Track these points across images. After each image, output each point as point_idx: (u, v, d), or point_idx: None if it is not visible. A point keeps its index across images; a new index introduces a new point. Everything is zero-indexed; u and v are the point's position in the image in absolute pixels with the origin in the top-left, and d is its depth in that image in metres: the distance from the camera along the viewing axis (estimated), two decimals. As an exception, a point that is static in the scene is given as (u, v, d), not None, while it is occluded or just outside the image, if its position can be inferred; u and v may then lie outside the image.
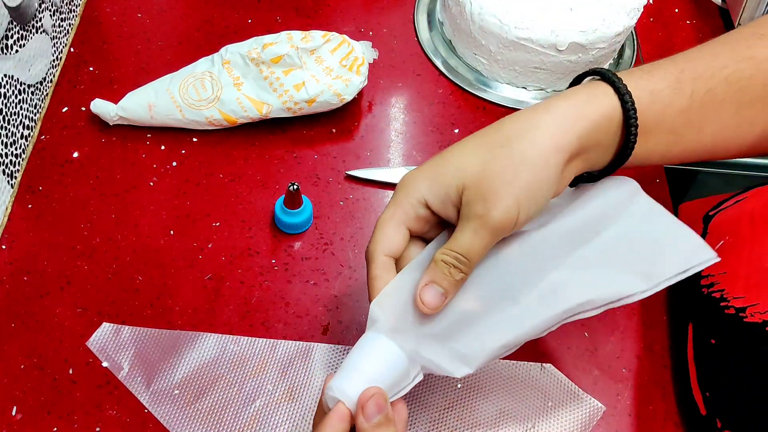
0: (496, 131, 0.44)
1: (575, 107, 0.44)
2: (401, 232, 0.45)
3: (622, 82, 0.45)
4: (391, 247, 0.45)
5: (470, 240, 0.42)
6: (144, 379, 0.52)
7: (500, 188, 0.42)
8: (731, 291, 0.49)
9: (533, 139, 0.43)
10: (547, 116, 0.43)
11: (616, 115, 0.44)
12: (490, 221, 0.42)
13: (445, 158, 0.45)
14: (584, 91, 0.45)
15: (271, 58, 0.63)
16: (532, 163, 0.42)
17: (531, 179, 0.42)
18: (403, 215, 0.45)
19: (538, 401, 0.53)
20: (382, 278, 0.44)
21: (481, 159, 0.43)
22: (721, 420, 0.48)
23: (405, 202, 0.45)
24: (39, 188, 0.62)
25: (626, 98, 0.44)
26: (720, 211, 0.55)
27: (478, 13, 0.68)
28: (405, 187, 0.45)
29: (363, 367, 0.42)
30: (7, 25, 0.58)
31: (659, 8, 0.82)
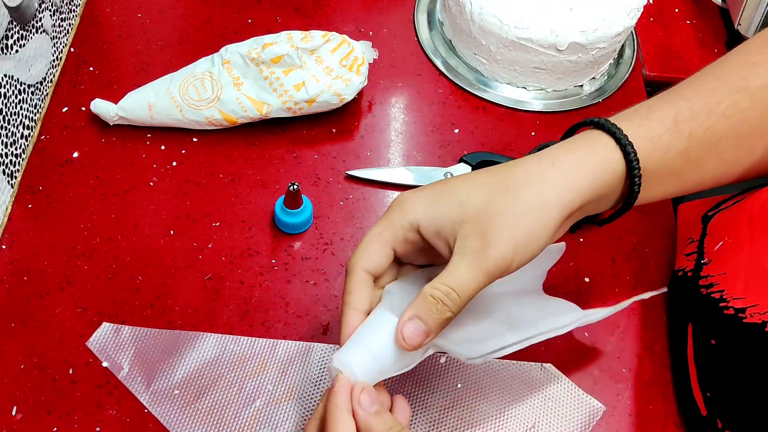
0: (505, 174, 0.44)
1: (578, 164, 0.44)
2: (386, 251, 0.44)
3: (623, 133, 0.45)
4: (372, 264, 0.44)
5: (464, 275, 0.41)
6: (144, 379, 0.52)
7: (501, 230, 0.41)
8: (731, 291, 0.49)
9: (540, 191, 0.43)
10: (553, 171, 0.44)
11: (619, 168, 0.45)
12: (486, 260, 0.41)
13: (448, 188, 0.44)
14: (587, 144, 0.45)
15: (271, 58, 0.63)
16: (535, 213, 0.42)
17: (531, 229, 0.42)
18: (392, 236, 0.44)
19: (538, 401, 0.53)
20: (357, 294, 0.44)
21: (485, 197, 0.43)
22: (721, 420, 0.48)
23: (397, 223, 0.44)
24: (39, 188, 0.62)
25: (628, 150, 0.44)
26: (719, 211, 0.56)
27: (478, 13, 0.68)
28: (400, 206, 0.45)
29: (368, 343, 0.42)
30: (7, 25, 0.58)
31: (659, 8, 0.82)
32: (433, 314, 0.41)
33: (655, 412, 0.54)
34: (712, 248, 0.53)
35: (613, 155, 0.44)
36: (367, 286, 0.44)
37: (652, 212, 0.64)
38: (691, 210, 0.61)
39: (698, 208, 0.59)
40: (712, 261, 0.52)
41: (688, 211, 0.61)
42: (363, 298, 0.44)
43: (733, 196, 0.57)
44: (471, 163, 0.65)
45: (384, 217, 0.45)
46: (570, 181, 0.43)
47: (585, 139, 0.46)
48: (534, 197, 0.42)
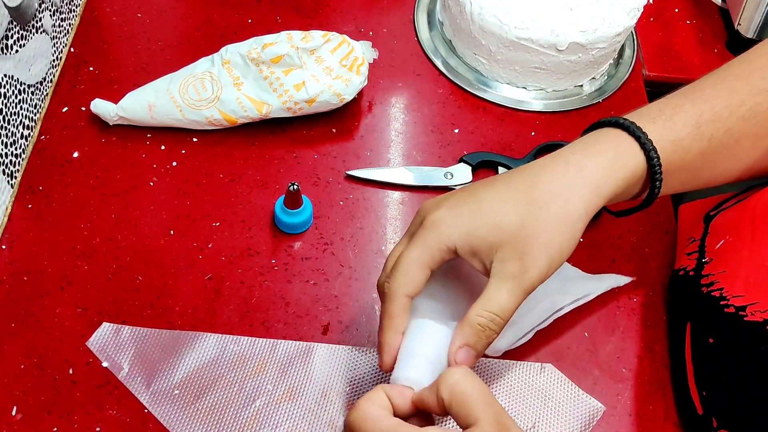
0: (532, 188, 0.45)
1: (604, 170, 0.45)
2: (425, 273, 0.45)
3: (648, 138, 0.46)
4: (413, 289, 0.45)
5: (506, 300, 0.43)
6: (144, 379, 0.52)
7: (537, 251, 0.43)
8: (731, 290, 0.49)
9: (567, 203, 0.44)
10: (579, 179, 0.45)
11: (640, 170, 0.46)
12: (525, 282, 0.43)
13: (481, 208, 0.45)
14: (611, 148, 0.46)
15: (271, 58, 0.63)
16: (565, 227, 0.44)
17: (563, 242, 0.44)
18: (430, 259, 0.45)
19: (538, 401, 0.53)
20: (399, 317, 0.45)
21: (519, 218, 0.44)
22: (717, 419, 0.48)
23: (434, 246, 0.45)
24: (39, 188, 0.62)
25: (652, 155, 0.46)
26: (721, 211, 0.56)
27: (478, 13, 0.68)
28: (436, 229, 0.45)
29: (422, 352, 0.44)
30: (7, 25, 0.58)
31: (659, 8, 0.82)
32: (482, 340, 0.43)
33: (655, 412, 0.54)
34: (714, 247, 0.53)
35: (637, 158, 0.46)
36: (407, 309, 0.45)
37: (652, 212, 0.64)
38: (693, 210, 0.61)
39: (699, 208, 0.59)
40: (713, 260, 0.52)
41: (689, 211, 0.61)
42: (405, 321, 0.45)
43: (735, 195, 0.57)
44: (471, 163, 0.65)
45: (420, 239, 0.45)
46: (596, 188, 0.45)
47: (609, 141, 0.47)
48: (564, 212, 0.44)
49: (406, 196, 0.64)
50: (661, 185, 0.46)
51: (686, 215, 0.62)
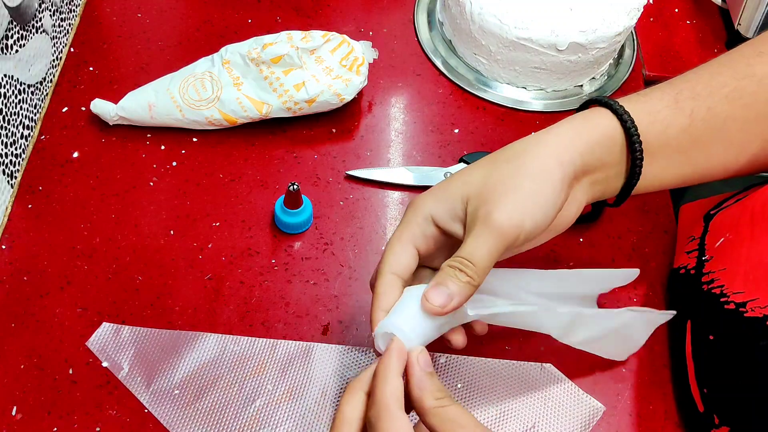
0: (501, 151, 0.46)
1: (574, 128, 0.46)
2: (408, 250, 0.45)
3: (619, 104, 0.46)
4: (398, 266, 0.45)
5: (474, 243, 0.42)
6: (144, 379, 0.52)
7: (502, 194, 0.43)
8: (731, 287, 0.49)
9: (535, 154, 0.44)
10: (548, 136, 0.45)
11: (617, 135, 0.46)
12: (492, 223, 0.42)
13: (453, 177, 0.46)
14: (582, 115, 0.47)
15: (271, 58, 0.63)
16: (533, 173, 0.43)
17: (533, 188, 0.43)
18: (410, 234, 0.45)
19: (538, 401, 0.53)
20: (386, 294, 0.45)
21: (485, 172, 0.45)
22: (718, 416, 0.48)
23: (412, 221, 0.45)
24: (39, 188, 0.62)
25: (624, 117, 0.46)
26: (721, 210, 0.56)
27: (478, 13, 0.68)
28: (413, 205, 0.46)
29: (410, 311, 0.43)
30: (7, 25, 0.58)
31: (659, 8, 0.82)
32: (453, 278, 0.42)
33: (655, 412, 0.54)
34: (713, 245, 0.53)
35: (610, 122, 0.46)
36: (395, 288, 0.45)
37: (652, 212, 0.64)
38: (693, 210, 0.61)
39: (700, 208, 0.59)
40: (713, 257, 0.52)
41: (689, 211, 0.61)
42: (392, 299, 0.45)
43: (734, 194, 0.57)
44: (471, 163, 0.65)
45: (401, 221, 0.46)
46: (566, 142, 0.45)
47: (583, 113, 0.47)
48: (530, 160, 0.44)
49: (406, 196, 0.64)
50: (641, 149, 0.46)
51: (686, 215, 0.62)
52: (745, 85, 0.47)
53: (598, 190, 0.48)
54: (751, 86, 0.47)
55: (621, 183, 0.48)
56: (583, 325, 0.49)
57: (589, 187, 0.47)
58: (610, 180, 0.47)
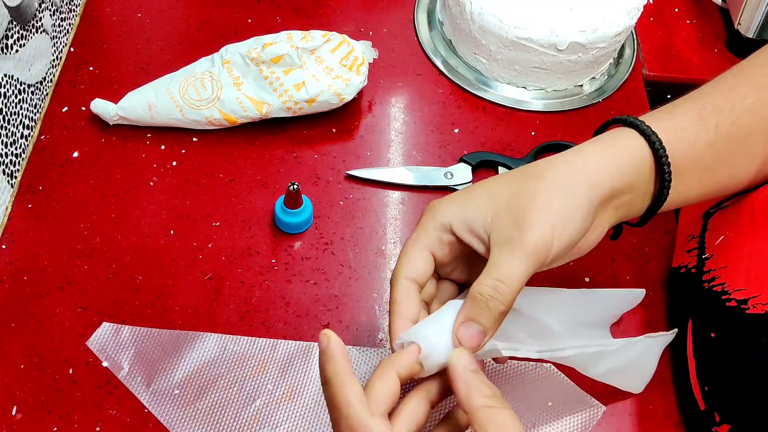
0: (527, 167, 0.45)
1: (603, 151, 0.44)
2: (424, 255, 0.44)
3: (645, 124, 0.45)
4: (414, 272, 0.44)
5: (507, 264, 0.40)
6: (144, 378, 0.52)
7: (534, 213, 0.41)
8: (732, 284, 0.49)
9: (564, 173, 0.43)
10: (576, 158, 0.44)
11: (645, 156, 0.45)
12: (526, 243, 0.40)
13: (476, 188, 0.45)
14: (609, 136, 0.46)
15: (271, 57, 0.63)
16: (564, 193, 0.42)
17: (563, 208, 0.41)
18: (426, 239, 0.44)
19: (538, 401, 0.53)
20: (404, 302, 0.43)
21: (513, 188, 0.43)
22: (719, 414, 0.48)
23: (429, 226, 0.44)
24: (39, 188, 0.62)
25: (652, 138, 0.44)
26: (720, 208, 0.56)
27: (478, 12, 0.68)
28: (431, 210, 0.45)
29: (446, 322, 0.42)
30: (7, 25, 0.58)
31: (659, 8, 0.82)
32: (486, 311, 0.40)
33: (655, 412, 0.54)
34: (713, 243, 0.53)
35: (637, 143, 0.45)
36: (413, 295, 0.44)
37: (652, 212, 0.64)
38: (693, 208, 0.61)
39: (699, 207, 0.59)
40: (714, 255, 0.52)
41: (689, 210, 0.61)
42: (411, 306, 0.43)
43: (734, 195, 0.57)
44: (471, 163, 0.65)
45: (417, 225, 0.45)
46: (595, 165, 0.43)
47: (609, 133, 0.46)
48: (559, 178, 0.42)
49: (406, 196, 0.64)
50: (669, 170, 0.44)
51: (686, 214, 0.62)
52: (764, 96, 0.47)
53: (622, 213, 0.46)
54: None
55: (646, 204, 0.47)
56: (605, 357, 0.48)
57: (613, 212, 0.45)
58: (634, 202, 0.46)
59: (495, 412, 0.37)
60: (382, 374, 0.40)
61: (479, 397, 0.38)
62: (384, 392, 0.39)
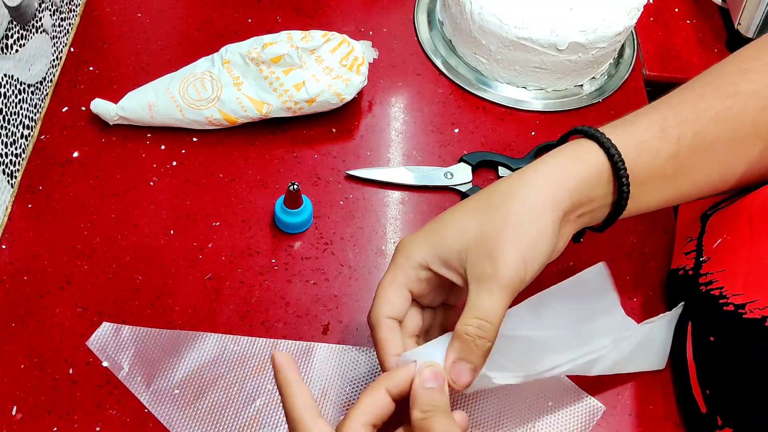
0: (489, 193, 0.46)
1: (562, 167, 0.45)
2: (403, 294, 0.45)
3: (605, 137, 0.45)
4: (394, 310, 0.45)
5: (487, 303, 0.42)
6: (144, 378, 0.52)
7: (504, 247, 0.42)
8: (730, 288, 0.49)
9: (526, 198, 0.44)
10: (536, 177, 0.45)
11: (604, 170, 0.45)
12: (501, 280, 0.42)
13: (443, 223, 0.45)
14: (569, 150, 0.46)
15: (271, 57, 0.63)
16: (528, 221, 0.43)
17: (530, 237, 0.43)
18: (404, 278, 0.45)
19: (538, 401, 0.53)
20: (390, 340, 0.45)
21: (479, 221, 0.44)
22: (721, 417, 0.48)
23: (405, 265, 0.45)
24: (39, 188, 0.62)
25: (612, 152, 0.45)
26: (718, 210, 0.56)
27: (478, 12, 0.68)
28: (405, 250, 0.46)
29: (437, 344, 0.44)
30: (7, 25, 0.58)
31: (659, 8, 0.82)
32: (475, 350, 0.42)
33: (655, 412, 0.54)
34: (711, 246, 0.53)
35: (597, 157, 0.45)
36: (396, 332, 0.45)
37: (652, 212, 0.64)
38: (690, 209, 0.61)
39: (697, 208, 0.59)
40: (711, 258, 0.52)
41: (687, 211, 0.61)
42: (397, 343, 0.45)
43: (732, 196, 0.57)
44: (471, 163, 0.65)
45: (391, 264, 0.46)
46: (555, 183, 0.44)
47: (569, 147, 0.47)
48: (521, 206, 0.43)
49: (406, 196, 0.64)
50: (628, 182, 0.45)
51: (684, 215, 0.62)
52: (730, 105, 0.47)
53: (584, 221, 0.47)
54: (737, 106, 0.47)
55: (606, 212, 0.48)
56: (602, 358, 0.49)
57: (575, 220, 0.46)
58: (596, 211, 0.47)
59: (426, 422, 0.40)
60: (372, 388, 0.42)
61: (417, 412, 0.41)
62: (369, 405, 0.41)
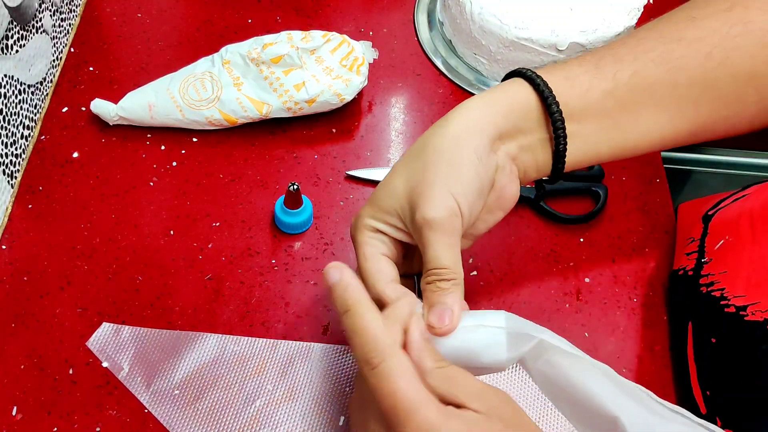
0: (412, 148, 0.45)
1: (483, 100, 0.44)
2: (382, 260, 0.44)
3: (532, 71, 0.45)
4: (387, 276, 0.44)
5: (431, 251, 0.41)
6: (144, 379, 0.52)
7: (426, 188, 0.42)
8: (731, 290, 0.49)
9: (444, 133, 0.43)
10: (456, 112, 0.44)
11: (531, 101, 0.45)
12: (433, 222, 0.41)
13: (377, 190, 0.45)
14: (495, 87, 0.46)
15: (271, 58, 0.63)
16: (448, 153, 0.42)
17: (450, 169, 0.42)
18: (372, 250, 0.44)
19: (539, 401, 0.53)
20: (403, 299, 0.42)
21: (403, 177, 0.43)
22: (721, 418, 0.48)
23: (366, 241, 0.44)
24: (39, 188, 0.62)
25: (537, 81, 0.44)
26: (719, 210, 0.56)
27: (478, 12, 0.68)
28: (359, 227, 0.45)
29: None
30: (7, 25, 0.58)
31: (659, 8, 0.82)
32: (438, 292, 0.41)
33: (655, 412, 0.54)
34: (713, 247, 0.53)
35: (522, 88, 0.45)
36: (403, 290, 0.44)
37: (652, 212, 0.64)
38: (691, 209, 0.61)
39: (698, 208, 0.59)
40: (713, 260, 0.52)
41: (688, 211, 0.61)
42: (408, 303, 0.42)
43: (733, 194, 0.57)
44: (471, 163, 0.65)
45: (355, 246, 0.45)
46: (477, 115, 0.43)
47: (496, 85, 0.46)
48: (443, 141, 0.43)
49: (406, 196, 0.64)
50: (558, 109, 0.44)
51: (684, 215, 0.62)
52: (673, 48, 0.46)
53: (529, 158, 0.46)
54: (680, 50, 0.46)
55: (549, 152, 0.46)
56: None
57: (517, 153, 0.45)
58: (534, 148, 0.46)
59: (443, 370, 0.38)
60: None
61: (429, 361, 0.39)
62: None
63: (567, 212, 0.62)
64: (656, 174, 0.66)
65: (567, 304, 0.58)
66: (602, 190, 0.63)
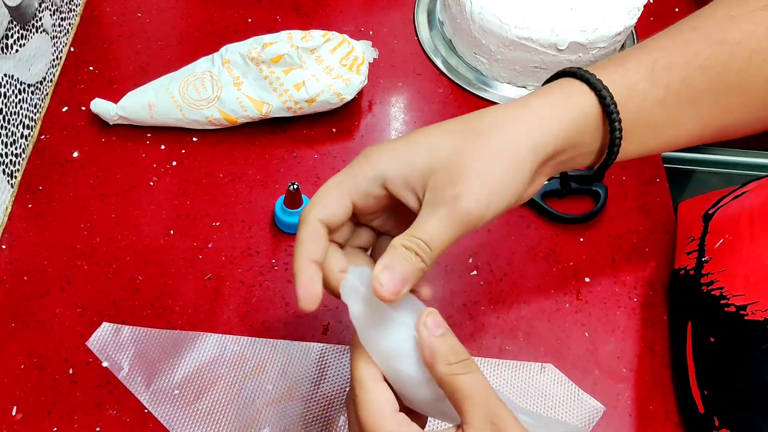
0: (476, 119, 0.42)
1: (551, 107, 0.42)
2: (344, 203, 0.42)
3: (597, 78, 0.43)
4: (328, 215, 0.41)
5: (436, 228, 0.39)
6: (144, 379, 0.52)
7: (474, 176, 0.39)
8: (731, 289, 0.49)
9: (511, 134, 0.41)
10: (524, 113, 0.42)
11: (593, 113, 0.43)
12: (459, 210, 0.39)
13: (416, 137, 0.42)
14: (559, 89, 0.44)
15: (271, 57, 0.63)
16: (507, 158, 0.40)
17: (504, 173, 0.40)
18: (353, 187, 0.42)
19: (538, 401, 0.53)
20: (311, 244, 0.41)
21: (455, 144, 0.40)
22: (718, 418, 0.48)
23: (360, 175, 0.42)
24: (39, 188, 0.62)
25: (603, 93, 0.42)
26: (719, 208, 0.55)
27: (478, 12, 0.68)
28: (366, 159, 0.42)
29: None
30: (7, 25, 0.58)
31: (659, 8, 0.82)
32: (407, 262, 0.38)
33: (655, 412, 0.54)
34: (713, 246, 0.53)
35: (587, 100, 0.43)
36: (320, 237, 0.41)
37: (652, 212, 0.64)
38: (691, 208, 0.61)
39: (698, 206, 0.59)
40: (713, 259, 0.52)
41: (688, 210, 0.61)
42: (317, 248, 0.41)
43: (733, 191, 0.57)
44: (471, 163, 0.65)
45: (347, 168, 0.42)
46: (542, 123, 0.41)
47: (558, 86, 0.44)
48: (505, 142, 0.40)
49: (406, 195, 0.64)
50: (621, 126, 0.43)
51: (685, 214, 0.62)
52: (717, 53, 0.45)
53: (559, 170, 0.45)
54: (723, 54, 0.45)
55: (589, 161, 0.45)
56: None
57: (552, 169, 0.44)
58: (576, 159, 0.45)
59: (458, 380, 0.37)
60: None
61: (442, 365, 0.37)
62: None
63: (567, 212, 0.62)
64: (656, 174, 0.66)
65: (567, 303, 0.58)
66: (602, 190, 0.63)
